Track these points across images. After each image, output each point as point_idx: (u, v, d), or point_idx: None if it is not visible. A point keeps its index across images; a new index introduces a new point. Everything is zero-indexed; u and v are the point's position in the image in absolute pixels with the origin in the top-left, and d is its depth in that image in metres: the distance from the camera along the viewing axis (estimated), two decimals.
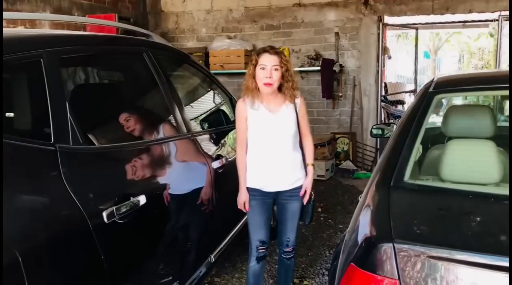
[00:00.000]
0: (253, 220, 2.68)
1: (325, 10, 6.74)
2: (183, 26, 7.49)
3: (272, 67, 2.45)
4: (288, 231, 2.74)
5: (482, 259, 1.30)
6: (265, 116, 2.54)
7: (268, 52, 2.47)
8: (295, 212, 2.71)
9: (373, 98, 6.78)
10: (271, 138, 2.55)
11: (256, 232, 2.68)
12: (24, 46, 1.76)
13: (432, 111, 2.17)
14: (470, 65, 18.23)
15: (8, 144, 1.51)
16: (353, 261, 1.48)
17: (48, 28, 5.05)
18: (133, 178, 2.10)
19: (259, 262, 2.73)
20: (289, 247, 2.77)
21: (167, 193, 2.28)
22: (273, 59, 2.46)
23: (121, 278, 1.89)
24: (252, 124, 2.57)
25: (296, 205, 2.69)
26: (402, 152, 1.92)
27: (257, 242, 2.68)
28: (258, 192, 2.63)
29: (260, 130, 2.56)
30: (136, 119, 2.40)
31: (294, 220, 2.73)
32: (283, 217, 2.74)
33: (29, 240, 1.43)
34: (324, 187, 6.03)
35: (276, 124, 2.54)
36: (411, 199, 1.76)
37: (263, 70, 2.45)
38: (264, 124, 2.55)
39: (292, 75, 2.53)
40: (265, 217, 2.68)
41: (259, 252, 2.70)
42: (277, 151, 2.56)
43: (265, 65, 2.45)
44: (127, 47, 2.56)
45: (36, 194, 1.56)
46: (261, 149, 2.59)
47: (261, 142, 2.58)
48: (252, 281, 2.77)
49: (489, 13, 6.32)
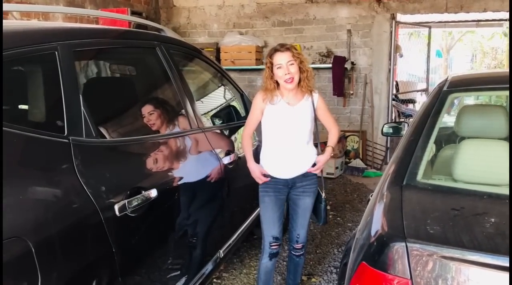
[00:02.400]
0: (266, 216, 2.69)
1: (338, 7, 6.70)
2: (194, 21, 7.48)
3: (288, 63, 2.51)
4: (299, 227, 2.75)
5: (494, 260, 1.29)
6: (283, 108, 2.60)
7: (279, 50, 2.53)
8: (306, 209, 2.73)
9: (384, 97, 6.74)
10: (287, 129, 2.60)
11: (270, 228, 2.68)
12: (40, 38, 1.76)
13: (446, 110, 2.16)
14: (483, 64, 18.05)
15: (22, 136, 1.52)
16: (365, 260, 1.47)
17: (61, 21, 5.08)
18: (145, 171, 2.11)
19: (272, 259, 2.73)
20: (299, 243, 2.78)
21: (178, 187, 2.29)
22: (286, 56, 2.51)
23: (131, 271, 1.90)
24: (269, 116, 2.63)
25: (308, 201, 2.71)
26: (415, 151, 1.90)
27: (271, 238, 2.69)
28: (272, 189, 2.65)
29: (277, 122, 2.62)
30: (148, 113, 2.41)
31: (305, 216, 2.74)
32: (295, 213, 2.75)
33: (42, 231, 1.43)
34: (333, 185, 6.01)
35: (293, 116, 2.59)
36: (423, 198, 1.75)
37: (281, 69, 2.51)
38: (281, 115, 2.60)
39: (306, 66, 2.59)
40: (278, 213, 2.68)
41: (272, 249, 2.71)
42: (292, 141, 2.62)
43: (280, 64, 2.51)
44: (140, 41, 2.56)
45: (49, 186, 1.56)
46: (276, 140, 2.64)
47: (277, 133, 2.63)
48: (263, 278, 2.77)
49: (504, 12, 6.24)
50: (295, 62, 2.52)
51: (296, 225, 2.76)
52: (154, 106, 2.46)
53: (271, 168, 2.66)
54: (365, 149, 6.93)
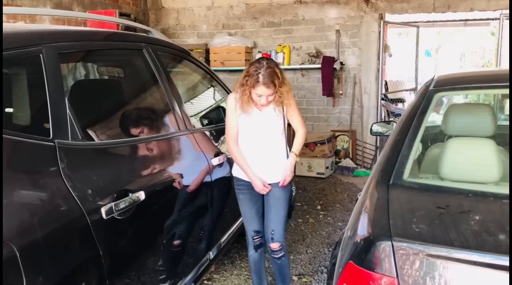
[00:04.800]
0: (244, 212, 2.80)
1: (326, 8, 6.72)
2: (183, 23, 7.47)
3: (268, 96, 2.55)
4: (272, 221, 2.71)
5: (481, 258, 1.30)
6: (252, 112, 2.64)
7: (265, 85, 2.50)
8: (278, 199, 2.71)
9: (373, 96, 6.77)
10: (258, 132, 2.66)
11: (249, 223, 2.80)
12: (24, 41, 1.74)
13: (432, 109, 2.17)
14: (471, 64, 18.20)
15: (7, 139, 1.50)
16: (352, 259, 1.47)
17: (48, 23, 5.04)
18: (132, 174, 2.10)
19: (257, 250, 2.84)
20: (274, 241, 2.73)
21: (166, 189, 2.28)
22: (268, 91, 2.53)
23: (118, 274, 1.89)
24: (243, 123, 2.67)
25: (279, 191, 2.70)
26: (402, 150, 1.91)
27: (252, 233, 2.80)
28: (245, 186, 2.73)
29: (249, 125, 2.66)
30: (136, 115, 2.40)
31: (277, 208, 2.71)
32: (267, 205, 2.76)
33: (27, 235, 1.42)
34: (323, 185, 6.03)
35: (262, 120, 2.65)
36: (410, 197, 1.76)
37: (260, 97, 2.56)
38: (253, 121, 2.65)
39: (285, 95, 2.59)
40: (255, 209, 2.77)
41: (255, 241, 2.82)
42: (260, 145, 2.67)
43: (261, 95, 2.54)
44: (127, 43, 2.54)
45: (35, 190, 1.55)
46: (245, 142, 2.69)
47: (249, 136, 2.68)
48: (254, 268, 2.91)
49: (491, 12, 6.30)
50: (275, 94, 2.55)
51: (269, 219, 2.73)
52: (141, 108, 2.45)
53: (239, 170, 2.74)
54: (355, 148, 6.96)
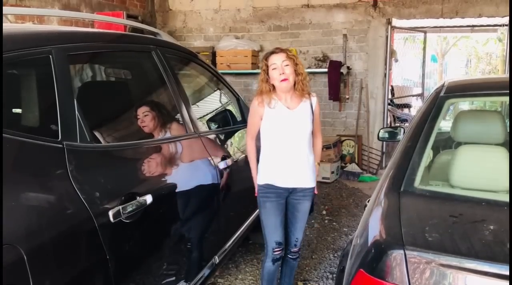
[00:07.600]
0: (269, 221, 2.66)
1: (334, 12, 6.71)
2: (190, 25, 7.48)
3: (282, 63, 2.52)
4: (298, 231, 2.77)
5: (493, 268, 1.28)
6: (282, 112, 2.58)
7: (274, 52, 2.57)
8: (305, 212, 2.75)
9: (379, 101, 6.75)
10: (288, 133, 2.58)
11: (272, 234, 2.67)
12: (34, 42, 1.74)
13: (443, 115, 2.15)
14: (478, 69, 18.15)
15: (15, 140, 1.49)
16: (362, 267, 1.45)
17: (56, 24, 5.06)
18: (140, 177, 2.09)
19: (275, 263, 2.74)
20: (297, 247, 2.82)
21: (173, 193, 2.27)
22: (280, 56, 2.54)
23: (125, 278, 1.87)
24: (269, 121, 2.60)
25: (307, 205, 2.73)
26: (413, 157, 1.89)
27: (274, 244, 2.68)
28: (274, 194, 2.62)
29: (277, 126, 2.59)
30: (144, 117, 2.39)
31: (303, 220, 2.77)
32: (294, 217, 2.74)
33: (35, 238, 1.41)
34: (328, 190, 6.00)
35: (293, 120, 2.58)
36: (421, 205, 1.74)
37: (275, 69, 2.52)
38: (281, 120, 2.58)
39: (301, 69, 2.61)
40: (280, 218, 2.67)
41: (275, 254, 2.70)
42: (293, 147, 2.59)
43: (275, 63, 2.52)
44: (136, 45, 2.54)
45: (43, 192, 1.54)
46: (277, 145, 2.61)
47: (278, 138, 2.60)
48: (267, 278, 2.79)
49: (499, 18, 6.27)
50: (290, 63, 2.53)
51: (295, 229, 2.76)
52: (150, 111, 2.44)
53: (272, 177, 2.62)
54: (360, 153, 6.93)
